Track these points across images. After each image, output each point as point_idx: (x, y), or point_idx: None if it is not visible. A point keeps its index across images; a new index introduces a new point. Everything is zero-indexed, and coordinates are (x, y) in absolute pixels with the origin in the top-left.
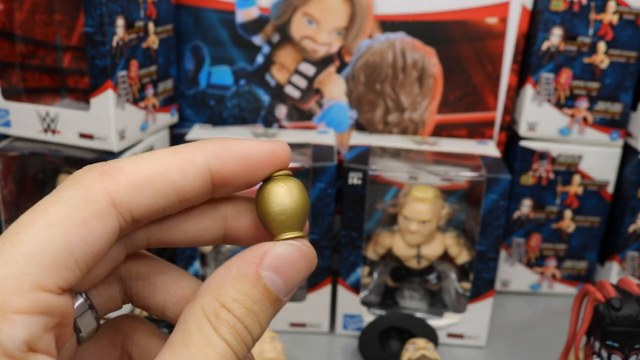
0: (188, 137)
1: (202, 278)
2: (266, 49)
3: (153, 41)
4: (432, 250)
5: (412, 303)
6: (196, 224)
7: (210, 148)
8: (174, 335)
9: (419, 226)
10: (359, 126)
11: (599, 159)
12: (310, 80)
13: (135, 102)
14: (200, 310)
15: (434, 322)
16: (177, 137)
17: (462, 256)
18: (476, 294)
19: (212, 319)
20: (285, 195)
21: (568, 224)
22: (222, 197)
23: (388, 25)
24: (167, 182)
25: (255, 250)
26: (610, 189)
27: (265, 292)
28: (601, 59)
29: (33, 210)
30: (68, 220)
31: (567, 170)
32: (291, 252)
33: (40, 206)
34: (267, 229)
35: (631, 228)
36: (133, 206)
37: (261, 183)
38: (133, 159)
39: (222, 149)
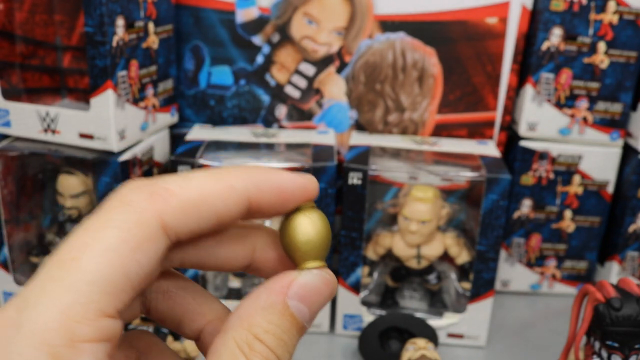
0: (188, 137)
1: (202, 278)
2: (266, 49)
3: (153, 41)
4: (432, 250)
5: (412, 303)
6: (228, 251)
7: (250, 177)
8: None
9: (419, 226)
10: (359, 126)
11: (599, 159)
12: (310, 80)
13: (135, 102)
14: (232, 342)
15: (434, 322)
16: (177, 137)
17: (462, 256)
18: (476, 294)
19: (245, 350)
20: (310, 227)
21: (568, 224)
22: (252, 227)
23: (388, 25)
24: (211, 206)
25: (281, 280)
26: (610, 189)
27: (292, 321)
28: (601, 59)
29: (85, 233)
30: (124, 244)
31: (567, 170)
32: (315, 281)
33: (93, 229)
34: (291, 257)
35: (631, 228)
36: (179, 228)
37: (286, 214)
38: (180, 179)
39: (261, 179)
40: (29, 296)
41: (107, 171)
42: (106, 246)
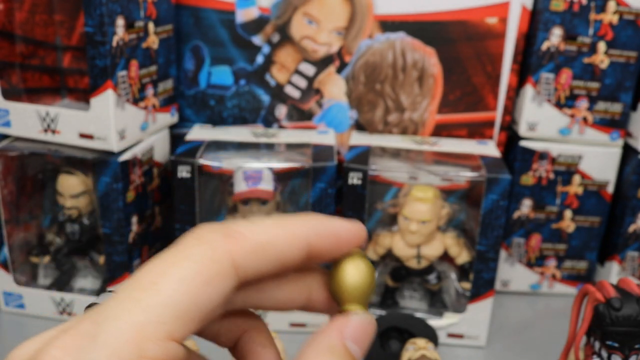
0: (188, 137)
1: None
2: (266, 49)
3: (153, 41)
4: (432, 250)
5: (412, 303)
6: (287, 293)
7: (311, 224)
8: None
9: (419, 226)
10: (359, 126)
11: (599, 159)
12: (310, 80)
13: (135, 102)
14: None
15: (434, 322)
16: (177, 137)
17: (462, 256)
18: (476, 294)
19: None
20: (360, 273)
21: (568, 224)
22: (308, 269)
23: (388, 25)
24: (277, 251)
25: (337, 325)
26: (610, 189)
27: None
28: (601, 59)
29: (163, 262)
30: (198, 277)
31: (567, 170)
32: (364, 324)
33: (171, 260)
34: (338, 300)
35: (631, 228)
36: (248, 268)
37: (337, 259)
38: (250, 225)
39: (321, 227)
40: (107, 311)
41: (107, 171)
42: (182, 276)
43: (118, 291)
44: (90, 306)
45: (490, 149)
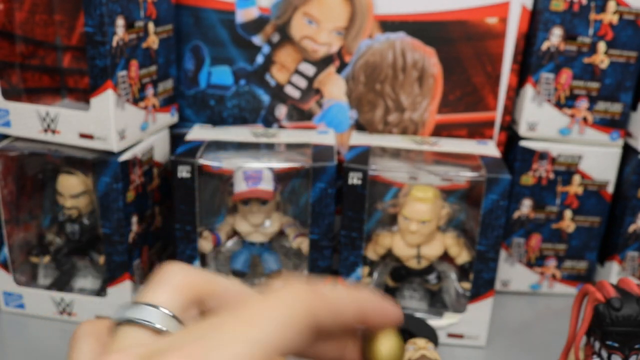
0: (188, 137)
1: None
2: (266, 49)
3: (153, 41)
4: (432, 250)
5: (412, 303)
6: (328, 347)
7: (370, 300)
8: None
9: (419, 226)
10: (359, 126)
11: (599, 159)
12: (310, 80)
13: (135, 102)
14: None
15: (434, 322)
16: (177, 137)
17: (462, 256)
18: (476, 294)
19: None
20: (394, 348)
21: (568, 224)
22: (348, 331)
23: (388, 25)
24: (343, 316)
25: None
26: (610, 189)
27: None
28: (601, 59)
29: (259, 303)
30: (295, 324)
31: (567, 170)
32: None
33: (272, 302)
34: None
35: (631, 228)
36: (322, 326)
37: (373, 332)
38: (330, 288)
39: (376, 304)
40: (210, 337)
41: (107, 171)
42: (273, 320)
43: (218, 316)
44: (121, 323)
45: (490, 149)
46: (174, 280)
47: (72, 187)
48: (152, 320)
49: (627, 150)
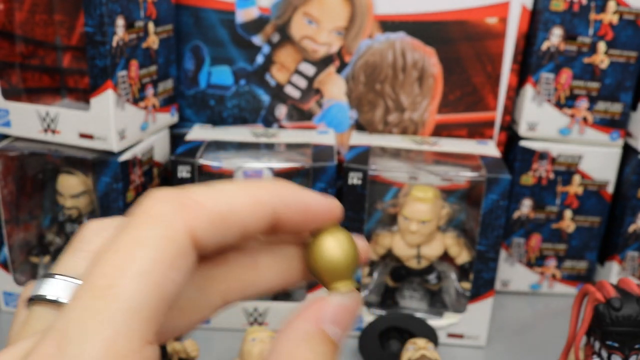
0: (188, 137)
1: None
2: (266, 49)
3: (153, 41)
4: (432, 250)
5: (412, 303)
6: (262, 274)
7: (277, 192)
8: None
9: (419, 226)
10: (359, 126)
11: (599, 159)
12: (310, 80)
13: (135, 102)
14: None
15: (434, 322)
16: (177, 137)
17: (462, 256)
18: (476, 294)
19: None
20: (337, 248)
21: (568, 224)
22: (284, 243)
23: (388, 25)
24: (238, 220)
25: (314, 308)
26: (610, 189)
27: (331, 346)
28: (601, 59)
29: (116, 254)
30: (159, 265)
31: (567, 170)
32: (345, 302)
33: (124, 249)
34: (318, 278)
35: (631, 228)
36: (207, 241)
37: (312, 234)
38: (207, 190)
39: (288, 196)
40: (68, 330)
41: (107, 171)
42: (141, 269)
43: (75, 300)
44: (33, 300)
45: (490, 149)
46: (91, 245)
47: (72, 187)
48: (63, 296)
49: (627, 150)
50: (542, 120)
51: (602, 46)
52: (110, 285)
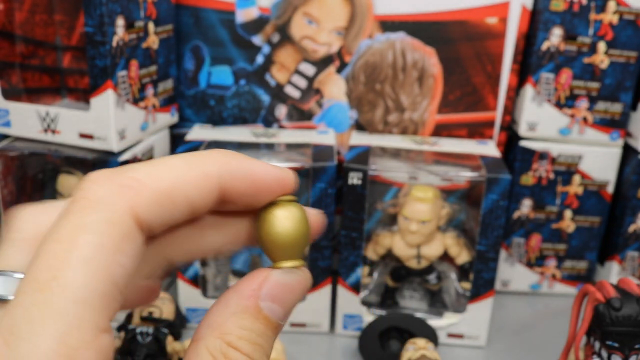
0: (188, 137)
1: (202, 278)
2: (266, 49)
3: (153, 41)
4: (432, 250)
5: (412, 303)
6: (213, 241)
7: (223, 163)
8: None
9: (419, 226)
10: (359, 126)
11: (599, 159)
12: (310, 80)
13: (135, 102)
14: (206, 352)
15: (434, 322)
16: (177, 137)
17: (462, 256)
18: (476, 294)
19: None
20: (286, 222)
21: (568, 224)
22: (238, 214)
23: (388, 25)
24: (184, 196)
25: (251, 282)
26: (610, 189)
27: (267, 323)
28: (601, 59)
29: (57, 244)
30: (103, 250)
31: (567, 170)
32: (287, 279)
33: (65, 238)
34: (266, 253)
35: (631, 228)
36: (152, 221)
37: (264, 206)
38: (149, 167)
39: (235, 167)
40: (16, 327)
41: None
42: (85, 256)
43: (20, 295)
44: None
45: (490, 149)
46: (26, 233)
47: (72, 187)
48: (4, 293)
49: (627, 150)
50: (542, 120)
51: (602, 46)
52: (55, 276)
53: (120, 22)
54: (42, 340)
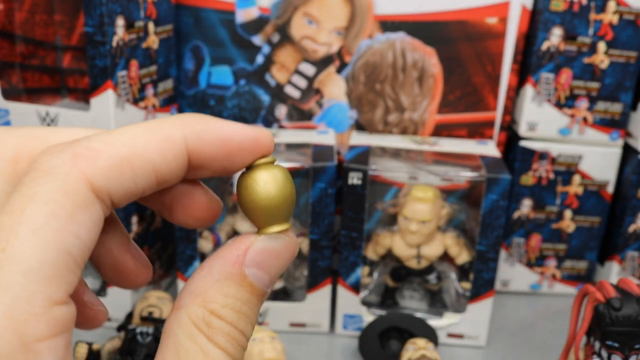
0: None
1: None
2: (266, 49)
3: (153, 41)
4: (432, 250)
5: (412, 303)
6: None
7: (189, 125)
8: (165, 350)
9: (419, 226)
10: (359, 126)
11: (599, 159)
12: (310, 80)
13: (135, 102)
14: (188, 321)
15: (434, 322)
16: None
17: (462, 256)
18: (476, 294)
19: (204, 329)
20: (269, 185)
21: (568, 224)
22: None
23: (388, 25)
24: (146, 163)
25: (236, 247)
26: (610, 189)
27: (252, 290)
28: (601, 59)
29: (6, 215)
30: (54, 219)
31: (567, 170)
32: (273, 244)
33: (14, 209)
34: (250, 219)
35: (631, 228)
36: (112, 190)
37: (243, 171)
38: (105, 136)
39: (202, 128)
40: None
41: None
42: (35, 225)
43: None
44: None
45: (490, 149)
46: None
47: None
48: None
49: (627, 150)
50: (542, 120)
51: (602, 46)
52: (2, 248)
53: (120, 22)
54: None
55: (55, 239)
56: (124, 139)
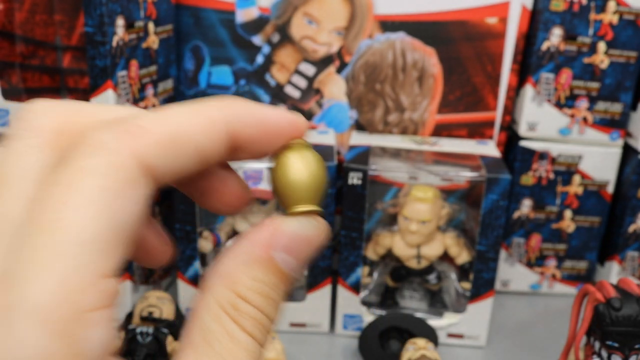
0: None
1: (202, 278)
2: (266, 49)
3: (153, 41)
4: (432, 250)
5: (412, 303)
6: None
7: (232, 109)
8: (192, 333)
9: (419, 226)
10: (359, 126)
11: (599, 159)
12: (310, 80)
13: (135, 102)
14: (215, 305)
15: (434, 322)
16: None
17: (462, 256)
18: (476, 294)
19: (231, 312)
20: (301, 166)
21: (568, 224)
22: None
23: (388, 25)
24: (191, 142)
25: (265, 231)
26: (610, 189)
27: (280, 275)
28: (601, 59)
29: (58, 187)
30: (105, 192)
31: (567, 170)
32: (303, 228)
33: (66, 181)
34: (280, 202)
35: (631, 228)
36: (160, 168)
37: (275, 153)
38: (153, 115)
39: (243, 111)
40: (14, 270)
41: None
42: (88, 198)
43: (16, 238)
44: None
45: (490, 149)
46: (41, 128)
47: None
48: None
49: (627, 150)
50: (542, 120)
51: (602, 46)
52: (56, 218)
53: (120, 22)
54: (42, 282)
55: (107, 212)
56: (170, 118)
